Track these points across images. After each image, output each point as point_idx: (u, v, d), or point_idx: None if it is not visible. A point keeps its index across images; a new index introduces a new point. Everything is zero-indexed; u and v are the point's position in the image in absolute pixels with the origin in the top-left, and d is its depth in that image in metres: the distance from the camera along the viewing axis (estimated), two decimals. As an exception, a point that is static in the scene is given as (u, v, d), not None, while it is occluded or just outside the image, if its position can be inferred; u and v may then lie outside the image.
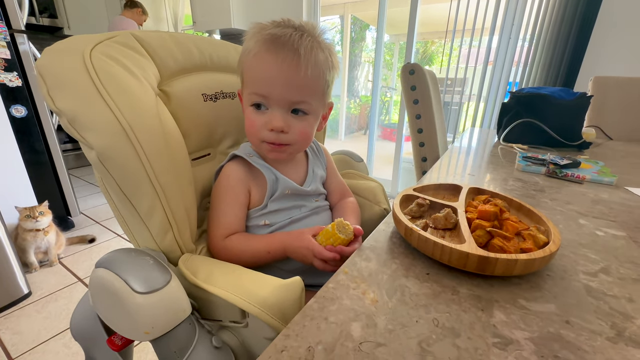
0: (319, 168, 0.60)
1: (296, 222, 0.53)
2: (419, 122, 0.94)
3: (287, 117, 0.48)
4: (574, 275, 0.35)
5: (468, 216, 0.41)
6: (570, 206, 0.55)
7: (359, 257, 0.38)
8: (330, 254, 0.43)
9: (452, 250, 0.33)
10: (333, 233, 0.44)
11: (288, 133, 0.48)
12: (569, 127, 1.05)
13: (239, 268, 0.40)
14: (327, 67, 0.48)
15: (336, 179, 0.63)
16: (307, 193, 0.56)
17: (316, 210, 0.56)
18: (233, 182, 0.50)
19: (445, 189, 0.54)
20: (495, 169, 0.79)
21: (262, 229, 0.52)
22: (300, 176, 0.57)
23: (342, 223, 0.44)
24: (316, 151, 0.62)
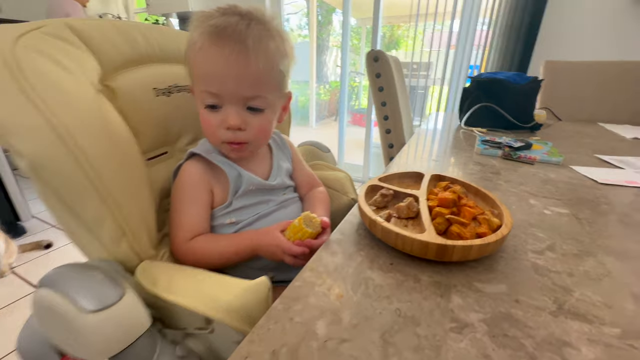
0: (284, 161, 0.59)
1: (264, 217, 0.52)
2: (384, 109, 0.95)
3: (242, 113, 0.45)
4: (524, 254, 0.38)
5: (429, 204, 0.42)
6: (522, 187, 0.59)
7: (326, 251, 0.38)
8: (299, 249, 0.43)
9: (413, 240, 0.34)
10: (300, 227, 0.43)
11: (245, 130, 0.46)
12: (522, 109, 1.12)
13: (201, 272, 0.38)
14: (280, 56, 0.46)
15: (303, 170, 0.62)
16: (273, 187, 0.55)
17: (284, 203, 0.56)
18: (193, 181, 0.47)
19: (409, 177, 0.55)
20: (457, 153, 0.82)
21: (228, 227, 0.50)
22: (265, 170, 0.56)
23: (309, 216, 0.44)
24: (280, 144, 0.61)
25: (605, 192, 0.58)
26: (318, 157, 0.74)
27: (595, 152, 0.83)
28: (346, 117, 2.92)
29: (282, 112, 0.53)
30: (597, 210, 0.50)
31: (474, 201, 0.45)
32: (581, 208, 0.51)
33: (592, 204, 0.52)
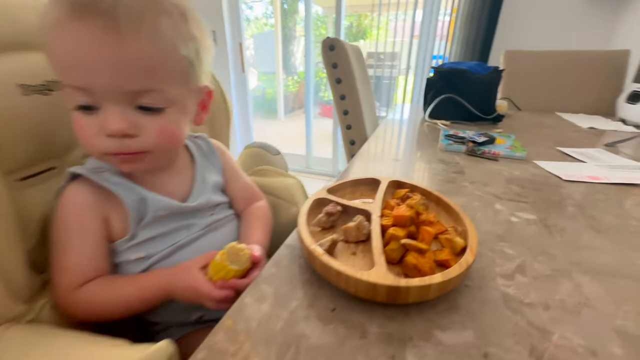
0: (213, 173, 0.49)
1: (184, 247, 0.42)
2: (344, 103, 0.88)
3: (129, 114, 0.34)
4: (492, 281, 0.31)
5: (383, 223, 0.35)
6: (487, 188, 0.54)
7: (252, 295, 0.29)
8: (221, 293, 0.34)
9: (357, 281, 0.26)
10: (223, 265, 0.34)
11: (139, 136, 0.35)
12: (485, 100, 1.09)
13: (75, 340, 0.28)
14: (181, 38, 0.35)
15: (240, 182, 0.52)
16: (194, 209, 0.44)
17: (213, 226, 0.46)
18: (77, 211, 0.36)
19: (364, 184, 0.48)
20: (421, 149, 0.77)
21: (135, 265, 0.39)
22: (183, 188, 0.44)
23: (234, 249, 0.35)
24: (206, 151, 0.49)
25: (570, 190, 0.54)
26: (266, 161, 0.64)
27: (556, 145, 0.82)
28: (314, 109, 2.83)
29: (199, 111, 0.43)
30: (565, 213, 0.46)
31: (435, 214, 0.38)
32: (549, 212, 0.46)
33: (559, 206, 0.48)
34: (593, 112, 1.34)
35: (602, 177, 0.59)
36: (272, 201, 0.56)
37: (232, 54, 2.54)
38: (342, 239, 0.35)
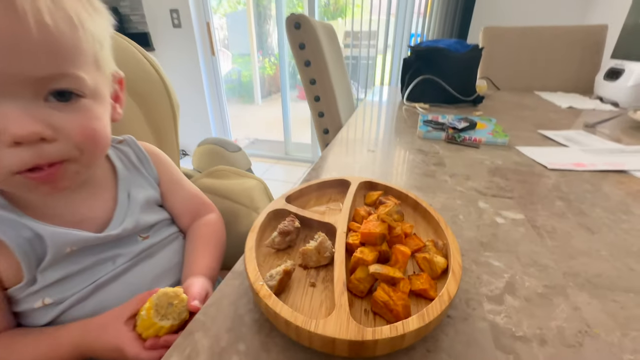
0: (144, 186, 0.39)
1: (108, 284, 0.33)
2: (314, 88, 0.80)
3: (38, 111, 0.25)
4: (478, 307, 0.26)
5: (350, 241, 0.29)
6: (470, 183, 0.49)
7: (179, 352, 0.23)
8: (152, 356, 0.27)
9: (310, 334, 0.20)
10: (151, 322, 0.27)
11: (57, 140, 0.26)
12: (464, 81, 1.04)
13: None
14: (85, 11, 0.27)
15: (182, 193, 0.43)
16: (118, 237, 0.35)
17: (147, 252, 0.37)
18: None
19: (332, 186, 0.42)
20: (399, 137, 0.71)
21: (40, 313, 0.31)
22: (101, 212, 0.35)
23: (165, 298, 0.28)
24: (136, 161, 0.40)
25: (556, 180, 0.50)
26: (222, 160, 0.56)
27: (537, 127, 0.78)
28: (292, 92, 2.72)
29: (113, 105, 0.34)
30: (554, 209, 0.42)
31: (411, 224, 0.33)
32: (536, 209, 0.42)
33: (546, 200, 0.44)
34: (571, 89, 1.32)
35: (587, 163, 0.56)
36: (230, 207, 0.49)
37: (199, 35, 2.35)
38: (299, 264, 0.29)
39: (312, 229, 0.33)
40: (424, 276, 0.25)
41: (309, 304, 0.24)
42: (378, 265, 0.25)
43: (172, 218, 0.42)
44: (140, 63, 0.45)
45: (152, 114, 0.47)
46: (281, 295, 0.25)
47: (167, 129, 0.49)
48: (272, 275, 0.25)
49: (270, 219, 0.34)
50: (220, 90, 2.58)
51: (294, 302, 0.25)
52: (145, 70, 0.46)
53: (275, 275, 0.25)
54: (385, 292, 0.23)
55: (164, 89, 0.47)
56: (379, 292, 0.23)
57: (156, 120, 0.47)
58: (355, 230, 0.31)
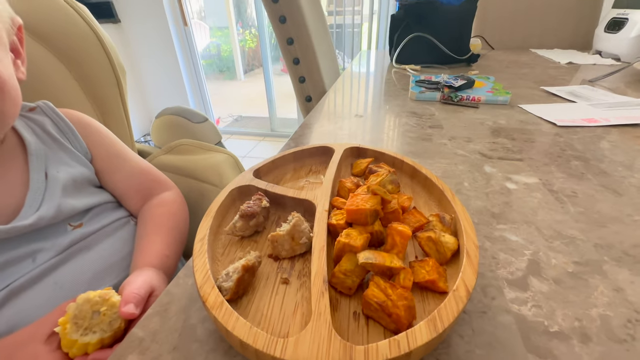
0: (67, 164, 0.31)
1: (28, 289, 0.26)
2: (292, 48, 0.70)
3: None
4: (498, 297, 0.21)
5: (333, 221, 0.23)
6: (471, 145, 0.43)
7: (104, 386, 0.17)
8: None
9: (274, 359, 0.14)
10: (71, 341, 0.21)
11: None
12: (458, 38, 0.95)
13: None
14: None
15: (126, 168, 0.35)
16: (34, 228, 0.27)
17: (81, 245, 0.29)
18: None
19: (311, 155, 0.35)
20: (388, 100, 0.63)
21: None
22: (7, 196, 0.27)
23: (88, 303, 0.21)
24: (53, 130, 0.31)
25: (568, 138, 0.44)
26: (186, 132, 0.48)
27: (538, 84, 0.71)
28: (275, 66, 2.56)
29: (16, 61, 0.26)
30: (570, 170, 0.36)
31: (409, 196, 0.26)
32: (551, 170, 0.36)
33: (560, 161, 0.38)
34: (568, 46, 1.25)
35: (599, 118, 0.50)
36: (195, 187, 0.41)
37: (168, 4, 2.14)
38: (268, 254, 0.22)
39: (285, 208, 0.26)
40: (430, 262, 0.19)
41: (279, 310, 0.18)
42: (369, 253, 0.19)
43: (117, 201, 0.34)
44: (65, 14, 0.36)
45: (90, 80, 0.38)
46: (242, 300, 0.19)
47: (111, 99, 0.40)
48: (229, 274, 0.19)
49: (234, 198, 0.27)
50: (198, 65, 2.41)
51: (260, 308, 0.18)
52: (74, 23, 0.37)
53: (233, 273, 0.19)
54: (381, 289, 0.17)
55: (100, 48, 0.38)
56: (372, 289, 0.17)
57: (94, 87, 0.38)
58: (339, 208, 0.24)
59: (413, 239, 0.23)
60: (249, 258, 0.19)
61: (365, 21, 2.26)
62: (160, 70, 2.32)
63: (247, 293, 0.19)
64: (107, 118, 0.41)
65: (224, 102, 3.38)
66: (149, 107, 2.42)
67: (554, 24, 1.30)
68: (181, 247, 0.34)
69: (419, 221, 0.23)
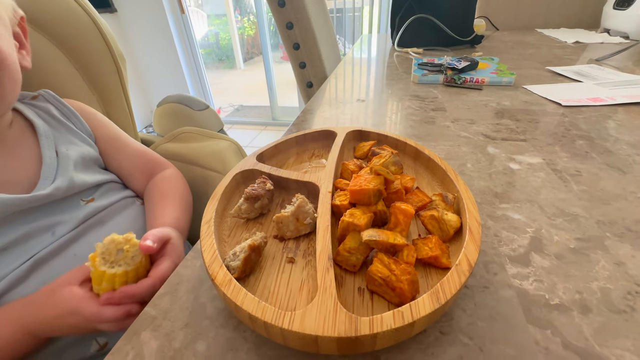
0: (74, 143, 0.32)
1: (50, 260, 0.28)
2: (292, 33, 0.69)
3: None
4: (500, 272, 0.21)
5: (336, 202, 0.23)
6: (475, 127, 0.42)
7: (121, 358, 0.17)
8: (111, 312, 0.22)
9: (283, 331, 0.15)
10: (99, 272, 0.22)
11: None
12: (461, 19, 0.93)
13: None
14: None
15: (127, 150, 0.37)
16: (52, 198, 0.29)
17: (96, 218, 0.31)
18: None
19: (314, 139, 0.35)
20: (391, 84, 0.62)
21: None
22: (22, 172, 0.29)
23: (113, 243, 0.23)
24: (57, 114, 0.32)
25: (572, 118, 0.44)
26: (188, 120, 0.48)
27: (544, 64, 0.70)
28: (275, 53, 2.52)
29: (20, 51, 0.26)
30: (575, 150, 0.36)
31: (412, 177, 0.26)
32: (555, 150, 0.36)
33: (565, 140, 0.38)
34: (575, 25, 1.22)
35: (604, 97, 0.49)
36: (199, 174, 0.42)
37: (164, -10, 2.10)
38: (274, 235, 0.23)
39: (289, 191, 0.27)
40: (433, 239, 0.20)
41: (286, 287, 0.19)
42: (373, 231, 0.19)
43: (122, 182, 0.35)
44: (66, 3, 0.35)
45: (90, 69, 0.38)
46: (249, 278, 0.19)
47: (112, 88, 0.40)
48: (236, 254, 0.19)
49: (238, 182, 0.27)
50: (197, 54, 2.38)
51: (267, 286, 0.19)
52: (72, 12, 0.36)
53: (240, 253, 0.19)
54: (385, 265, 0.17)
55: (99, 37, 0.38)
56: (376, 265, 0.18)
57: (95, 76, 0.38)
58: (343, 189, 0.25)
59: (416, 218, 0.23)
60: (255, 238, 0.20)
61: (366, 4, 2.20)
62: (158, 60, 2.30)
63: (254, 272, 0.20)
64: (109, 107, 0.41)
65: (224, 92, 3.35)
66: (149, 98, 2.41)
67: (560, 2, 1.26)
68: (188, 214, 0.36)
69: (422, 200, 0.23)
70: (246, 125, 2.55)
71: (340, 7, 2.32)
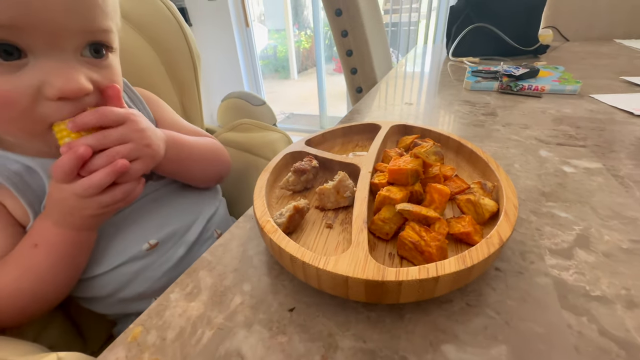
0: None
1: (129, 221, 0.32)
2: (346, 41, 0.73)
3: (78, 65, 0.24)
4: (538, 261, 0.21)
5: (375, 180, 0.25)
6: (528, 132, 0.41)
7: (181, 288, 0.21)
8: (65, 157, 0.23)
9: (318, 271, 0.17)
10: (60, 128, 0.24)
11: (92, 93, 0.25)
12: (524, 29, 0.89)
13: None
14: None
15: (184, 132, 0.39)
16: None
17: (153, 196, 0.35)
18: None
19: (359, 131, 0.37)
20: (441, 91, 0.62)
21: None
22: None
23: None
24: (127, 100, 0.37)
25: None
26: (247, 114, 0.54)
27: (619, 74, 0.64)
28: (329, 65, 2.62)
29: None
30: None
31: (453, 167, 0.27)
32: (619, 157, 0.33)
33: (633, 149, 0.35)
34: (664, 35, 1.08)
35: (691, 108, 0.44)
36: (252, 161, 0.46)
37: (233, 7, 2.32)
38: (315, 205, 0.25)
39: (332, 172, 0.29)
40: (466, 218, 0.20)
41: (323, 245, 0.21)
42: (408, 204, 0.21)
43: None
44: (158, 9, 0.43)
45: (173, 65, 0.45)
46: (291, 235, 0.22)
47: (188, 82, 0.47)
48: (282, 213, 0.22)
49: (287, 161, 0.30)
50: (256, 65, 2.56)
51: (306, 243, 0.21)
52: (164, 17, 0.44)
53: (285, 212, 0.22)
54: (416, 232, 0.19)
55: (182, 37, 0.45)
56: (408, 231, 0.19)
57: (176, 71, 0.45)
58: (382, 171, 0.26)
59: (452, 202, 0.24)
60: (300, 202, 0.22)
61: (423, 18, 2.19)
62: (221, 69, 2.52)
63: (295, 231, 0.23)
64: (184, 98, 0.48)
65: (277, 100, 3.54)
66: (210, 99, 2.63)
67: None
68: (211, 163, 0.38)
69: (459, 187, 0.24)
70: (295, 132, 2.65)
71: (396, 22, 2.33)
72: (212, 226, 0.38)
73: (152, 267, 0.33)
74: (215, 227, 0.38)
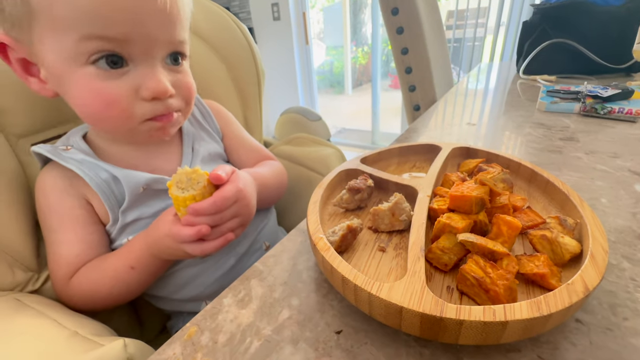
0: (208, 141, 0.40)
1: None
2: (405, 58, 0.72)
3: (164, 71, 0.30)
4: (633, 319, 0.18)
5: (434, 206, 0.23)
6: (619, 161, 0.35)
7: (234, 294, 0.22)
8: (187, 230, 0.27)
9: (371, 297, 0.16)
10: (175, 197, 0.27)
11: (175, 95, 0.31)
12: (614, 44, 0.79)
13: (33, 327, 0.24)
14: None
15: (246, 146, 0.44)
16: None
17: None
18: (55, 199, 0.32)
19: (417, 152, 0.36)
20: (509, 111, 0.58)
21: None
22: (169, 163, 0.37)
23: (184, 173, 0.27)
24: (199, 115, 0.41)
25: None
26: (303, 128, 0.56)
27: None
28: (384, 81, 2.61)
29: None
30: None
31: (524, 197, 0.25)
32: None
33: None
34: None
35: None
36: (305, 174, 0.47)
37: (295, 26, 2.46)
38: (368, 226, 0.25)
39: (387, 192, 0.28)
40: (541, 258, 0.18)
41: (375, 269, 0.20)
42: (471, 234, 0.19)
43: None
44: (230, 29, 0.48)
45: (240, 80, 0.49)
46: (343, 255, 0.22)
47: (252, 96, 0.51)
48: (335, 231, 0.22)
49: (342, 178, 0.30)
50: (312, 80, 2.66)
51: (357, 264, 0.21)
52: (235, 36, 0.49)
53: (338, 231, 0.22)
54: (480, 267, 0.17)
55: (251, 56, 0.49)
56: (470, 264, 0.17)
57: (242, 85, 0.49)
58: (442, 196, 0.25)
59: (523, 237, 0.22)
60: (353, 221, 0.22)
61: (490, 33, 2.07)
62: (279, 83, 2.67)
63: (347, 251, 0.22)
64: (247, 111, 0.52)
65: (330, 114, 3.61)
66: (266, 115, 2.79)
67: None
68: (277, 190, 0.41)
69: (532, 220, 0.22)
70: (346, 146, 2.67)
71: (459, 37, 2.25)
72: (261, 238, 0.40)
73: (206, 273, 0.36)
74: (264, 239, 0.41)
